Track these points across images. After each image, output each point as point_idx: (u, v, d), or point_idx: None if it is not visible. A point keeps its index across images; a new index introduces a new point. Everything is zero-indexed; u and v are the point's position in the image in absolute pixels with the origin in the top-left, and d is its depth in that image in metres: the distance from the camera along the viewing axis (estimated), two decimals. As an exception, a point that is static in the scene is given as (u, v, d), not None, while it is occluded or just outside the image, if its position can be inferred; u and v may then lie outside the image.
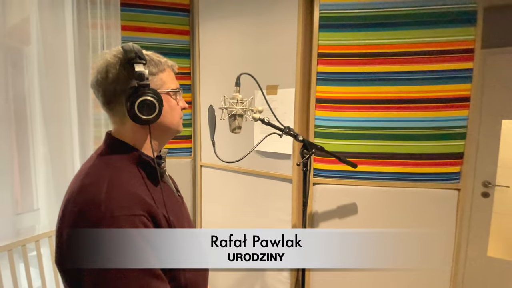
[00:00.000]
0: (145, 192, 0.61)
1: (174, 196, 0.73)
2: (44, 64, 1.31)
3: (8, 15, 1.18)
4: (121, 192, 0.57)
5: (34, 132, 1.35)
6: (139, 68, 0.60)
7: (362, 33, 1.18)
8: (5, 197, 1.19)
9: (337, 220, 1.26)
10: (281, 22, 1.30)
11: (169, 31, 1.65)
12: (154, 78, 0.65)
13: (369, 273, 1.24)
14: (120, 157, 0.63)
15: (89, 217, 0.53)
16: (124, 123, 0.65)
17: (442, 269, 1.18)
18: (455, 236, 1.16)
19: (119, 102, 0.62)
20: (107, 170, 0.60)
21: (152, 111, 0.61)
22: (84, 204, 0.55)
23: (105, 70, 0.62)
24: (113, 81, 0.61)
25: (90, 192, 0.56)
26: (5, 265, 1.16)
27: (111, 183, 0.57)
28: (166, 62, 0.69)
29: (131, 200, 0.56)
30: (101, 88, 0.63)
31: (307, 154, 1.01)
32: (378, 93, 1.19)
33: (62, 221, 0.58)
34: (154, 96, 0.61)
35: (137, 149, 0.65)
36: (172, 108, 0.69)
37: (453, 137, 1.15)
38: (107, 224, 0.52)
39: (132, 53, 0.60)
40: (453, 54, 1.11)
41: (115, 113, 0.64)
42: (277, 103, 1.33)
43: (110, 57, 0.63)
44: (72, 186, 0.60)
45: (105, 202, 0.54)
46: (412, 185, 1.19)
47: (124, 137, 0.65)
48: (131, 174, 0.62)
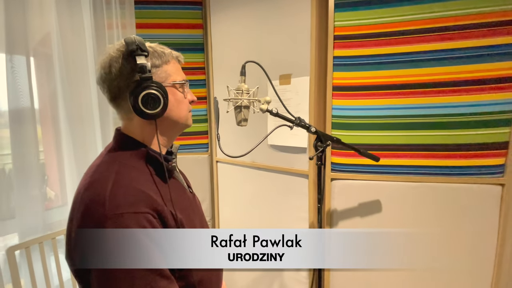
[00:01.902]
0: (152, 189, 0.59)
1: (185, 193, 0.71)
2: (65, 67, 1.37)
3: (29, 20, 1.24)
4: (126, 189, 0.56)
5: (59, 132, 1.42)
6: (140, 60, 0.58)
7: (384, 9, 1.05)
8: (36, 194, 1.27)
9: (359, 219, 1.16)
10: (293, 6, 1.21)
11: (182, 26, 1.64)
12: (158, 71, 0.63)
13: (397, 273, 1.13)
14: (128, 153, 0.62)
15: (94, 214, 0.53)
16: (131, 118, 0.64)
17: (481, 273, 1.03)
18: (498, 237, 1.00)
19: (124, 97, 0.61)
20: (114, 167, 0.59)
21: (157, 105, 0.59)
22: (90, 201, 0.55)
23: (108, 65, 0.61)
24: (116, 76, 0.60)
25: (96, 189, 0.56)
26: (37, 258, 1.24)
27: (117, 180, 0.56)
28: (171, 53, 0.66)
29: (136, 198, 0.55)
30: (106, 84, 0.62)
31: (321, 147, 0.93)
32: (405, 77, 1.06)
33: (71, 218, 0.59)
34: (158, 89, 0.59)
35: (145, 145, 0.64)
36: (179, 101, 0.66)
37: (496, 124, 0.98)
38: (111, 221, 0.52)
39: (134, 45, 0.58)
40: (495, 27, 0.94)
41: (122, 109, 0.64)
42: (291, 93, 1.25)
43: (113, 51, 0.62)
44: (81, 184, 0.60)
45: (110, 200, 0.53)
46: (446, 180, 1.05)
47: (133, 133, 0.64)
48: (139, 170, 0.61)
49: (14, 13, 1.19)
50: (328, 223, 1.21)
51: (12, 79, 1.20)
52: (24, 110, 1.22)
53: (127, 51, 0.59)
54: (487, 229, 1.02)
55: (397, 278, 1.13)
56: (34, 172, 1.26)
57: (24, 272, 1.21)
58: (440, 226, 1.06)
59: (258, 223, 1.48)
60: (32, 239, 1.23)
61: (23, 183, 1.24)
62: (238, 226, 1.60)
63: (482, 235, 1.02)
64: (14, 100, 1.20)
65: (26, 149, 1.24)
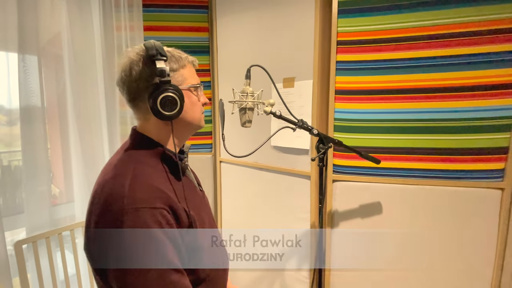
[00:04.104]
0: (167, 186, 0.63)
1: (196, 190, 0.75)
2: (74, 66, 1.40)
3: (41, 21, 1.27)
4: (143, 186, 0.59)
5: (67, 130, 1.46)
6: (160, 64, 0.61)
7: (385, 16, 1.08)
8: (44, 190, 1.31)
9: (359, 220, 1.18)
10: (298, 12, 1.24)
11: (189, 29, 1.67)
12: (175, 74, 0.66)
13: (396, 273, 1.15)
14: (144, 152, 0.66)
15: (113, 208, 0.56)
16: (148, 119, 0.67)
17: (481, 276, 1.04)
18: (497, 242, 1.01)
19: (143, 99, 0.65)
20: (132, 164, 0.63)
21: (174, 107, 0.62)
22: (109, 197, 0.58)
23: (129, 67, 0.64)
24: (136, 78, 0.64)
25: (115, 185, 0.59)
26: (44, 253, 1.27)
27: (134, 177, 0.59)
28: (187, 58, 0.70)
29: (152, 194, 0.59)
30: (126, 85, 0.65)
31: (323, 148, 0.95)
32: (405, 82, 1.08)
33: (90, 211, 0.62)
34: (175, 92, 0.62)
35: (161, 145, 0.67)
36: (194, 104, 0.70)
37: (496, 129, 1.00)
38: (129, 215, 0.55)
39: (154, 50, 0.61)
40: (495, 34, 0.97)
41: (139, 109, 0.67)
42: (294, 96, 1.27)
43: (133, 55, 0.65)
44: (100, 179, 0.63)
45: (128, 195, 0.56)
46: (446, 183, 1.06)
47: (149, 132, 0.68)
48: (154, 168, 0.64)
49: (26, 14, 1.22)
50: (329, 223, 1.23)
51: (24, 78, 1.23)
52: (35, 108, 1.26)
53: (147, 55, 0.62)
54: (486, 232, 1.03)
55: (396, 278, 1.15)
56: (42, 169, 1.30)
57: (30, 266, 1.24)
58: (439, 228, 1.08)
59: (260, 223, 1.50)
60: (39, 234, 1.26)
61: (32, 180, 1.27)
62: (240, 225, 1.62)
63: (481, 239, 1.04)
64: (25, 99, 1.24)
65: (36, 146, 1.27)
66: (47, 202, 1.33)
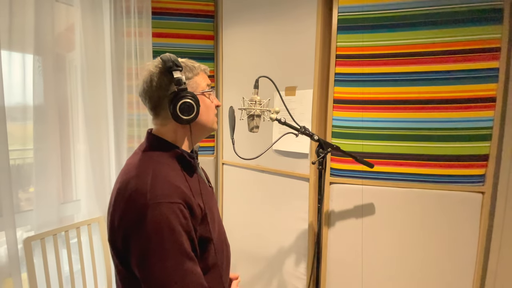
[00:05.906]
0: (183, 183, 0.70)
1: (206, 186, 0.83)
2: (85, 70, 1.46)
3: (55, 25, 1.34)
4: (163, 183, 0.66)
5: (75, 131, 1.51)
6: (177, 74, 0.70)
7: (380, 34, 1.19)
8: (51, 189, 1.35)
9: (354, 220, 1.27)
10: (300, 26, 1.35)
11: (195, 36, 1.75)
12: (190, 82, 0.75)
13: (389, 268, 1.24)
14: (161, 153, 0.73)
15: (137, 203, 0.63)
16: (165, 124, 0.75)
17: (463, 272, 1.14)
18: (479, 240, 1.12)
19: (163, 106, 0.73)
20: (151, 164, 0.70)
21: (191, 112, 0.70)
22: (133, 192, 0.65)
23: (149, 79, 0.73)
24: (156, 88, 0.72)
25: (138, 182, 0.66)
26: (51, 249, 1.31)
27: (154, 175, 0.67)
28: (200, 67, 0.79)
29: (171, 190, 0.66)
30: (148, 95, 0.74)
31: (322, 153, 1.04)
32: (397, 94, 1.19)
33: (114, 206, 0.68)
34: (192, 98, 0.70)
35: (177, 146, 0.75)
36: (208, 107, 0.78)
37: (478, 138, 1.11)
38: (151, 209, 0.62)
39: (170, 62, 0.70)
40: (478, 53, 1.09)
41: (160, 115, 0.75)
42: (296, 104, 1.37)
43: (152, 67, 0.73)
44: (123, 177, 0.70)
45: (150, 191, 0.64)
46: (432, 187, 1.17)
47: (165, 135, 0.75)
48: (171, 167, 0.72)
49: (43, 19, 1.29)
50: (326, 223, 1.31)
51: (38, 79, 1.29)
52: (47, 108, 1.31)
53: (165, 67, 0.70)
54: (469, 231, 1.13)
55: (389, 275, 1.24)
56: (52, 167, 1.34)
57: (37, 262, 1.27)
58: (427, 228, 1.18)
59: (260, 223, 1.57)
60: (47, 231, 1.31)
61: (42, 178, 1.31)
62: (241, 225, 1.69)
63: (464, 237, 1.14)
64: (38, 98, 1.29)
65: (47, 144, 1.32)
66: (56, 200, 1.37)
